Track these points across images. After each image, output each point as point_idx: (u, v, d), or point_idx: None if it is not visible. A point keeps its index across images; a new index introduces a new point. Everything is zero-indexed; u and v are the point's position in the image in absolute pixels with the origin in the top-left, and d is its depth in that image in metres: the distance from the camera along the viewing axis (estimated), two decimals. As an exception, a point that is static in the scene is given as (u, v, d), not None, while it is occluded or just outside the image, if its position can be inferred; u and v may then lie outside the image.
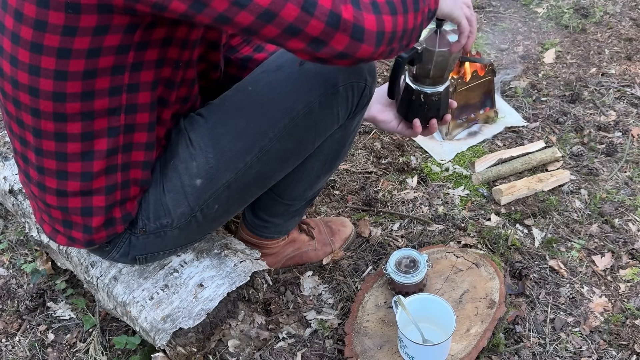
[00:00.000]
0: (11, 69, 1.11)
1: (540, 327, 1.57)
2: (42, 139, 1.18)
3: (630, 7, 2.81)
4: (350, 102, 1.31)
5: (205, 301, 1.42)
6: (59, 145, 1.18)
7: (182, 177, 1.29)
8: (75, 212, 1.26)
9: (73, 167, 1.21)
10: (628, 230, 1.81)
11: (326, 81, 1.27)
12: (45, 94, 1.11)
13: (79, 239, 1.31)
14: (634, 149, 2.08)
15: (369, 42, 1.07)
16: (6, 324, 1.67)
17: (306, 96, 1.27)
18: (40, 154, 1.20)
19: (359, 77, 1.30)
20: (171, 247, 1.42)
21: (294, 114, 1.27)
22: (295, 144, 1.32)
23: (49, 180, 1.23)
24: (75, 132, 1.16)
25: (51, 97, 1.11)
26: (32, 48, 1.07)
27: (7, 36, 1.09)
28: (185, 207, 1.31)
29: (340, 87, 1.28)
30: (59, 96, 1.12)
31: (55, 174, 1.22)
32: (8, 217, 1.96)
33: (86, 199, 1.25)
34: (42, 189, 1.25)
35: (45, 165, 1.21)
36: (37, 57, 1.07)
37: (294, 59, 1.27)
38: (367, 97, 1.35)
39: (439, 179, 2.01)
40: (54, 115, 1.14)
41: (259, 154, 1.29)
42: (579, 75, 2.41)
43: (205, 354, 1.46)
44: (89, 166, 1.21)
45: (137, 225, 1.33)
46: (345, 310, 1.62)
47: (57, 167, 1.21)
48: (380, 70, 2.47)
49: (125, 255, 1.38)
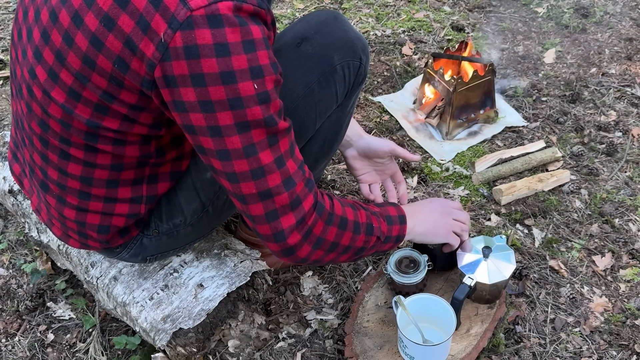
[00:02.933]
0: (44, 99, 1.12)
1: (540, 327, 1.57)
2: (69, 162, 1.19)
3: (630, 7, 2.81)
4: (347, 80, 1.33)
5: (205, 301, 1.42)
6: (86, 170, 1.19)
7: (191, 173, 1.31)
8: (92, 228, 1.28)
9: (97, 191, 1.23)
10: (628, 230, 1.81)
11: (323, 61, 1.28)
12: (78, 132, 1.13)
13: (95, 246, 1.34)
14: (634, 149, 2.08)
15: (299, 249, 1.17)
16: (6, 324, 1.67)
17: (305, 78, 1.28)
18: (65, 174, 1.21)
19: (354, 56, 1.31)
20: (181, 245, 1.44)
21: (294, 96, 1.28)
22: (297, 126, 1.32)
23: (70, 197, 1.24)
24: (105, 162, 1.18)
25: (83, 136, 1.13)
26: (70, 93, 1.08)
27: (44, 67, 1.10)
28: (197, 203, 1.33)
29: (337, 66, 1.29)
30: (92, 139, 1.14)
31: (78, 194, 1.23)
32: (8, 217, 1.96)
33: (105, 217, 1.27)
34: (61, 202, 1.26)
35: (68, 184, 1.22)
36: (73, 102, 1.09)
37: (291, 43, 1.28)
38: (362, 76, 1.36)
39: (439, 179, 2.01)
40: (85, 147, 1.15)
41: None
42: (579, 75, 2.41)
43: (205, 354, 1.45)
44: (114, 192, 1.23)
45: (149, 227, 1.34)
46: (345, 310, 1.62)
47: (81, 189, 1.22)
48: (380, 70, 2.47)
49: (135, 255, 1.40)
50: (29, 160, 1.28)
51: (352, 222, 1.21)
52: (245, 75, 0.98)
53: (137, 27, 0.97)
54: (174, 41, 0.95)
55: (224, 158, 1.05)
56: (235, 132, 1.02)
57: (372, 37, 2.66)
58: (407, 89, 2.35)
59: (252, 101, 1.00)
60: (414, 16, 2.80)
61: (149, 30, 0.96)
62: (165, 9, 0.95)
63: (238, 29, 0.96)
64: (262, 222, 1.12)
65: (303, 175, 1.13)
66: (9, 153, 1.42)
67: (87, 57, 1.03)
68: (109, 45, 1.00)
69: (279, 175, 1.08)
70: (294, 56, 1.28)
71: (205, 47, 0.95)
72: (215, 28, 0.95)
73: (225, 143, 1.03)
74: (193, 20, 0.94)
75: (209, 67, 0.96)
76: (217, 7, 0.95)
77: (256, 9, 0.99)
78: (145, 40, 0.97)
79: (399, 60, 2.51)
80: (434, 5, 2.87)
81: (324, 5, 2.91)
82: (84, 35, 1.02)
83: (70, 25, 1.03)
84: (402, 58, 2.53)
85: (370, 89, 2.38)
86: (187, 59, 0.95)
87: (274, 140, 1.06)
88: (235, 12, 0.96)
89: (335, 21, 1.31)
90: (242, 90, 0.99)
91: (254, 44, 0.98)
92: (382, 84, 2.40)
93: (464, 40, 2.24)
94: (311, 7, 2.88)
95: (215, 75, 0.97)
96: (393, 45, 2.61)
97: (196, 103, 0.99)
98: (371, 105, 2.30)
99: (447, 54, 2.21)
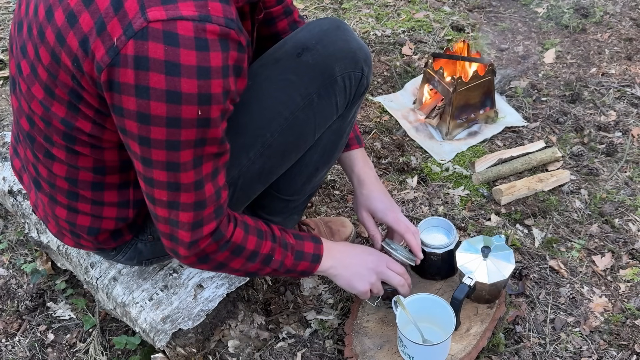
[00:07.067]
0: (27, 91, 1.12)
1: (540, 327, 1.57)
2: (54, 162, 1.18)
3: (630, 7, 2.81)
4: (347, 91, 1.32)
5: (205, 302, 1.42)
6: (70, 171, 1.19)
7: None
8: (83, 229, 1.28)
9: (84, 192, 1.22)
10: (628, 230, 1.81)
11: (324, 72, 1.27)
12: (57, 132, 1.13)
13: (88, 246, 1.34)
14: (634, 149, 2.08)
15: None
16: (6, 324, 1.67)
17: (305, 88, 1.27)
18: (53, 173, 1.21)
19: (355, 66, 1.30)
20: None
21: (294, 107, 1.27)
22: (296, 136, 1.32)
23: (60, 197, 1.24)
24: (87, 165, 1.18)
25: (62, 136, 1.13)
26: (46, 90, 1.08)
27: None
28: None
29: (337, 77, 1.28)
30: (70, 141, 1.13)
31: (67, 194, 1.23)
32: (8, 217, 1.96)
33: (95, 219, 1.26)
34: (53, 200, 1.26)
35: (57, 183, 1.22)
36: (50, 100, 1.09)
37: (292, 52, 1.28)
38: (364, 87, 1.36)
39: (439, 179, 2.01)
40: (65, 148, 1.15)
41: (261, 148, 1.29)
42: (579, 75, 2.41)
43: (205, 354, 1.46)
44: (100, 196, 1.23)
45: (144, 232, 1.34)
46: (345, 310, 1.62)
47: (69, 189, 1.22)
48: (380, 70, 2.47)
49: (131, 259, 1.40)
50: (23, 157, 1.28)
51: (249, 251, 1.21)
52: (191, 100, 0.96)
53: (94, 27, 0.95)
54: (126, 48, 0.92)
55: (146, 164, 1.04)
56: (163, 147, 1.01)
57: (372, 37, 2.66)
58: (407, 89, 2.35)
59: (191, 124, 0.98)
60: (413, 16, 2.80)
61: (104, 33, 0.94)
62: (124, 14, 0.93)
63: (194, 53, 0.93)
64: (164, 222, 1.13)
65: (216, 201, 1.12)
66: (10, 148, 1.42)
67: (54, 53, 1.01)
68: (69, 43, 0.98)
69: (193, 195, 1.08)
70: (294, 66, 1.27)
71: (156, 62, 0.92)
72: (170, 46, 0.92)
73: (150, 153, 1.02)
74: (148, 32, 0.91)
75: (156, 82, 0.93)
76: (175, 25, 0.91)
77: (223, 29, 0.94)
78: (98, 42, 0.95)
79: (399, 60, 2.51)
80: (434, 5, 2.87)
81: (324, 5, 2.91)
82: (52, 30, 1.01)
83: (44, 20, 1.02)
84: (402, 58, 2.53)
85: (370, 89, 2.37)
86: (135, 69, 0.93)
87: (199, 162, 1.05)
88: (198, 33, 0.93)
89: (337, 31, 1.30)
90: (184, 113, 0.97)
91: (210, 72, 0.95)
92: (382, 84, 2.40)
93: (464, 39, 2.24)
94: (311, 7, 2.88)
95: (161, 92, 0.94)
96: (393, 45, 2.61)
97: (134, 112, 0.97)
98: (371, 105, 2.30)
99: (447, 54, 2.21)
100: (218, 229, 1.15)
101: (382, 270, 1.40)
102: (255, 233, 1.23)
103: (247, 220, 1.23)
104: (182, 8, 0.92)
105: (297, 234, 1.33)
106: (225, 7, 0.96)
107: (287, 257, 1.27)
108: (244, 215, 1.25)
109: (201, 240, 1.14)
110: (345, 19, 2.77)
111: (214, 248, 1.17)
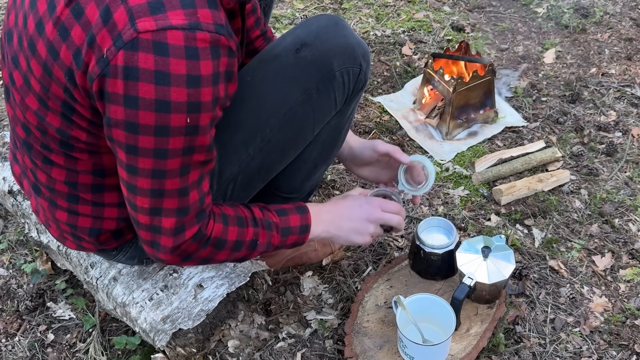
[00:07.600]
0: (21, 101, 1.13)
1: (540, 327, 1.57)
2: (52, 167, 1.19)
3: (630, 7, 2.81)
4: (346, 86, 1.32)
5: (205, 302, 1.42)
6: (70, 175, 1.19)
7: None
8: (84, 231, 1.28)
9: (84, 195, 1.22)
10: (628, 231, 1.81)
11: (322, 67, 1.27)
12: (54, 140, 1.13)
13: (89, 248, 1.34)
14: (634, 149, 2.08)
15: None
16: (6, 324, 1.67)
17: (303, 84, 1.27)
18: (52, 178, 1.21)
19: (354, 62, 1.30)
20: None
21: (293, 102, 1.27)
22: (295, 132, 1.32)
23: (60, 201, 1.24)
24: (86, 169, 1.18)
25: (59, 144, 1.13)
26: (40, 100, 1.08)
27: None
28: None
29: (336, 72, 1.28)
30: (67, 148, 1.14)
31: (67, 197, 1.23)
32: (8, 217, 1.96)
33: (96, 220, 1.27)
34: (53, 204, 1.26)
35: (56, 188, 1.22)
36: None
37: (290, 48, 1.28)
38: (362, 82, 1.36)
39: (439, 179, 2.01)
40: (64, 154, 1.15)
41: (260, 144, 1.30)
42: (579, 75, 2.41)
43: (205, 354, 1.46)
44: (100, 197, 1.23)
45: None
46: (345, 310, 1.62)
47: (69, 192, 1.22)
48: (380, 70, 2.47)
49: (132, 258, 1.40)
50: (22, 163, 1.29)
51: (232, 242, 1.21)
52: (180, 108, 0.96)
53: (85, 40, 0.96)
54: (116, 59, 0.93)
55: (131, 172, 1.05)
56: (150, 155, 1.01)
57: (372, 37, 2.66)
58: (407, 89, 2.35)
59: (179, 132, 0.99)
60: (413, 16, 2.80)
61: (94, 45, 0.95)
62: (113, 25, 0.93)
63: (184, 62, 0.93)
64: (145, 229, 1.13)
65: (199, 207, 1.12)
66: (9, 154, 1.42)
67: (46, 66, 1.02)
68: (62, 56, 0.99)
69: (176, 202, 1.08)
70: (292, 62, 1.27)
71: (146, 72, 0.93)
72: (159, 55, 0.92)
73: (137, 161, 1.02)
74: (138, 43, 0.91)
75: (145, 91, 0.94)
76: (165, 35, 0.92)
77: (214, 36, 0.95)
78: (90, 53, 0.95)
79: (399, 60, 2.51)
80: (434, 6, 2.87)
81: (324, 5, 2.91)
82: (44, 43, 1.01)
83: (34, 32, 1.03)
84: (402, 58, 2.53)
85: (370, 89, 2.37)
86: (124, 79, 0.93)
87: (185, 170, 1.05)
88: (188, 42, 0.93)
89: (336, 27, 1.30)
90: (173, 121, 0.97)
91: (200, 80, 0.95)
92: (382, 84, 2.40)
93: (464, 40, 2.24)
94: (311, 7, 2.88)
95: (150, 101, 0.95)
96: (393, 45, 2.61)
97: (122, 122, 0.98)
98: (371, 105, 2.30)
99: (447, 54, 2.21)
100: (199, 231, 1.15)
101: (377, 216, 1.39)
102: (236, 222, 1.22)
103: (226, 210, 1.23)
104: (171, 17, 0.92)
105: (280, 210, 1.31)
106: (215, 13, 0.96)
107: (272, 237, 1.27)
108: (223, 205, 1.24)
109: (183, 244, 1.14)
110: (345, 19, 2.77)
111: (195, 247, 1.17)
